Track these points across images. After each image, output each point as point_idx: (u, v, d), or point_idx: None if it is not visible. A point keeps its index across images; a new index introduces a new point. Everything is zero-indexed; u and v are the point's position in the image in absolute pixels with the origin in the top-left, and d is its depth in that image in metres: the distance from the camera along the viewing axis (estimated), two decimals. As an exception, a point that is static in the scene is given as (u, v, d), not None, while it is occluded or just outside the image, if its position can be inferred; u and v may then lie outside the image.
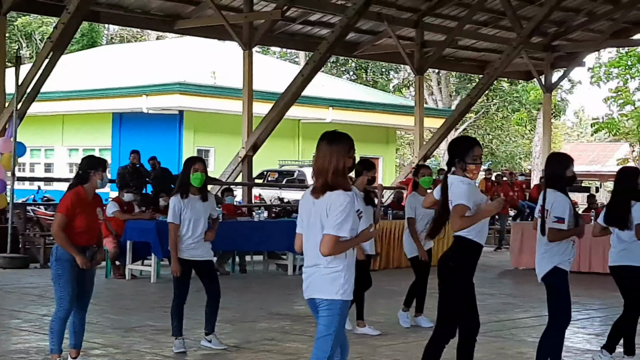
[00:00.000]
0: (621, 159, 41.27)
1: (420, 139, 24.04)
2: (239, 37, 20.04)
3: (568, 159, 7.24)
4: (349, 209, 5.25)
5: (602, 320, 11.28)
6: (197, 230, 8.38)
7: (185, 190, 8.35)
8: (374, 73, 47.95)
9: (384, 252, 16.86)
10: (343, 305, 5.37)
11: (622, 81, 38.09)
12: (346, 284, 5.35)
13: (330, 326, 5.37)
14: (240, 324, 10.11)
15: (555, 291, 7.12)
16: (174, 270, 8.35)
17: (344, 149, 5.33)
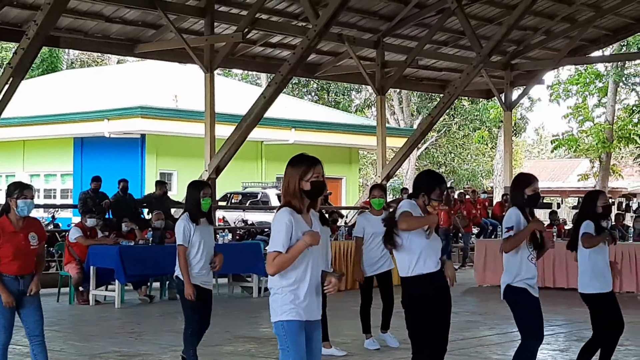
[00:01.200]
0: (582, 174, 41.68)
1: (382, 159, 24.12)
2: (200, 60, 20.02)
3: (529, 178, 7.32)
4: (278, 223, 5.33)
5: (566, 335, 11.37)
6: (204, 255, 8.26)
7: (195, 215, 8.28)
8: (336, 94, 48.10)
9: (349, 272, 16.86)
10: (286, 326, 5.37)
11: (581, 98, 38.52)
12: (283, 304, 5.37)
13: (283, 349, 5.42)
14: (205, 348, 10.03)
15: (514, 310, 7.16)
16: (189, 294, 8.14)
17: (297, 172, 5.41)
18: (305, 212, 5.48)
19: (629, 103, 40.02)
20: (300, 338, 5.42)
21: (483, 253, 17.93)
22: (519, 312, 7.11)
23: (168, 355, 9.81)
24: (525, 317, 7.08)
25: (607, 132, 36.75)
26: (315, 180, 5.41)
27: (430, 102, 41.87)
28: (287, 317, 5.39)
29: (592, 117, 38.26)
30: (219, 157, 19.85)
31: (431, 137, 43.73)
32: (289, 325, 5.39)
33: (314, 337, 5.53)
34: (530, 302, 7.08)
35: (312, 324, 5.51)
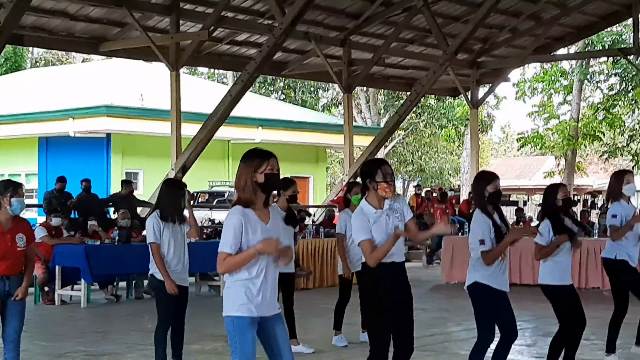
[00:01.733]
0: (547, 172, 41.96)
1: (350, 157, 24.13)
2: (166, 58, 19.92)
3: (490, 176, 7.33)
4: (228, 223, 5.32)
5: (533, 331, 11.44)
6: (178, 252, 8.23)
7: (169, 213, 8.22)
8: (303, 92, 48.08)
9: (317, 270, 16.87)
10: (235, 322, 5.34)
11: (546, 96, 38.78)
12: (235, 300, 5.34)
13: (231, 345, 5.40)
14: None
15: (475, 307, 7.21)
16: (170, 288, 8.11)
17: (251, 165, 5.38)
18: (260, 207, 5.43)
19: (594, 101, 40.38)
20: (249, 335, 5.35)
21: (450, 250, 17.98)
22: (480, 310, 7.17)
23: (135, 354, 9.75)
24: (485, 315, 7.14)
25: (573, 130, 37.02)
26: (269, 172, 5.38)
27: (397, 100, 41.97)
28: (238, 313, 5.35)
29: (557, 115, 38.53)
30: (186, 156, 19.76)
31: (398, 136, 43.83)
32: (239, 321, 5.35)
33: (277, 332, 5.47)
34: (490, 300, 7.12)
35: (270, 320, 5.45)
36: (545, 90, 38.51)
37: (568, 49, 31.45)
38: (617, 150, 38.09)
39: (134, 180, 25.50)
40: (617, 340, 9.01)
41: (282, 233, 5.52)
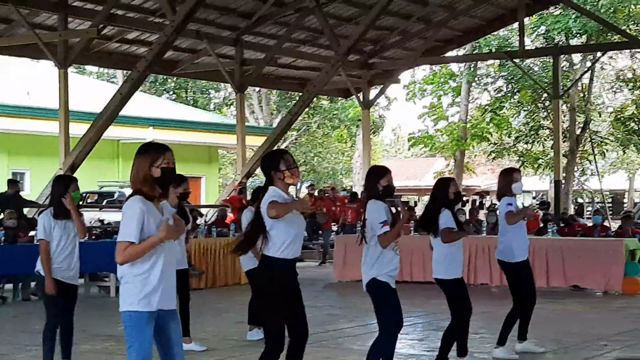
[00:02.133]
0: (437, 172, 42.66)
1: (242, 157, 24.06)
2: (54, 56, 19.52)
3: (383, 170, 7.42)
4: (129, 212, 5.23)
5: (424, 326, 11.61)
6: (67, 250, 8.05)
7: (60, 211, 8.04)
8: (194, 92, 47.75)
9: (210, 270, 16.79)
10: (130, 317, 5.27)
11: (435, 98, 39.42)
12: (132, 294, 5.26)
13: (128, 340, 5.31)
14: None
15: (376, 303, 7.26)
16: (49, 289, 7.94)
17: (147, 159, 5.32)
18: (156, 201, 5.38)
19: (482, 102, 41.22)
20: (147, 330, 5.28)
21: (343, 249, 18.10)
22: (381, 306, 7.23)
23: (23, 354, 9.56)
24: (386, 310, 7.20)
25: (461, 131, 37.74)
26: (165, 166, 5.33)
27: (289, 100, 42.05)
28: (135, 308, 5.26)
29: (446, 117, 39.21)
30: (74, 155, 19.40)
31: (291, 136, 43.93)
32: (137, 316, 5.27)
33: (171, 328, 5.41)
34: (389, 295, 7.20)
35: (167, 314, 5.38)
36: (434, 92, 39.15)
37: (457, 51, 32.06)
38: (505, 151, 38.97)
39: (20, 181, 24.88)
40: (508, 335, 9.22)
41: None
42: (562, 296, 15.10)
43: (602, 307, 13.93)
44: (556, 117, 25.84)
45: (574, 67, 35.94)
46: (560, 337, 10.53)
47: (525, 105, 37.65)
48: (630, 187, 58.59)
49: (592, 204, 49.09)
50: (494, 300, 14.25)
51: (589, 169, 39.82)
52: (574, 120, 35.32)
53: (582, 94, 36.29)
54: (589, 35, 32.56)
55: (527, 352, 9.31)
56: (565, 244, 16.31)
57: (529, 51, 27.36)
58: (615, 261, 15.60)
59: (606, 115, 40.22)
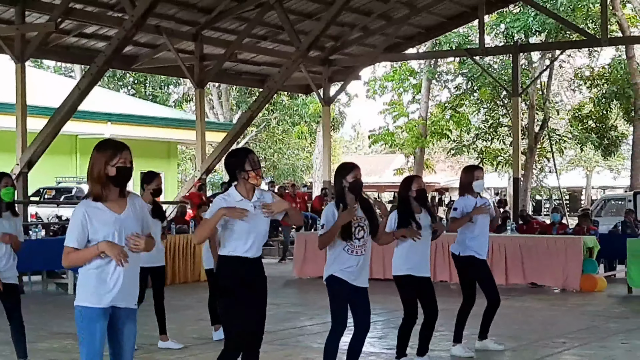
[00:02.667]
0: (397, 169, 42.78)
1: (202, 153, 23.93)
2: (11, 50, 19.24)
3: (349, 166, 7.41)
4: (73, 218, 5.24)
5: (384, 323, 11.61)
6: (8, 248, 7.92)
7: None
8: (153, 87, 47.45)
9: (169, 267, 16.66)
10: (84, 312, 5.22)
11: (396, 94, 39.51)
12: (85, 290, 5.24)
13: (79, 335, 5.28)
14: (18, 346, 9.65)
15: (330, 298, 7.32)
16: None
17: (103, 156, 5.26)
18: (114, 199, 5.30)
19: (442, 99, 41.41)
20: (98, 327, 5.21)
21: (303, 246, 18.09)
22: (333, 301, 7.29)
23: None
24: (336, 306, 7.27)
25: (421, 128, 37.86)
26: (121, 165, 5.25)
27: (249, 96, 41.92)
28: (86, 303, 5.22)
29: (406, 113, 39.33)
30: (31, 150, 19.17)
31: (251, 132, 43.79)
32: (87, 311, 5.21)
33: (125, 330, 5.33)
34: (340, 292, 7.22)
35: (122, 313, 5.31)
36: (395, 89, 39.25)
37: (417, 48, 32.13)
38: (464, 148, 39.18)
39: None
40: (464, 331, 9.24)
41: (139, 222, 5.35)
42: (520, 293, 15.20)
43: (561, 304, 14.02)
44: (515, 114, 25.99)
45: (533, 65, 36.24)
46: (519, 335, 10.59)
47: (484, 103, 37.89)
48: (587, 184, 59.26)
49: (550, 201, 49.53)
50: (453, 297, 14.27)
51: (547, 166, 40.17)
52: (533, 118, 35.59)
53: (541, 91, 36.59)
54: (548, 33, 32.83)
55: (486, 350, 9.34)
56: (523, 241, 16.41)
57: (488, 49, 27.49)
58: (573, 258, 15.72)
59: (564, 113, 40.58)
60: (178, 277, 16.90)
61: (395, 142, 39.45)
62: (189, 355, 9.32)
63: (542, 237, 16.83)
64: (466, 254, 9.15)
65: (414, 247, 8.26)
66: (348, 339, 7.83)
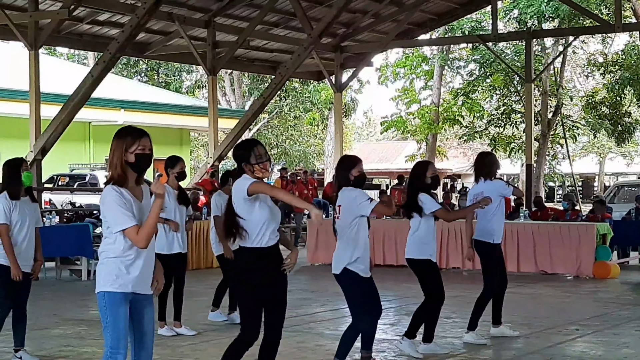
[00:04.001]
0: (409, 155, 42.73)
1: (214, 140, 23.94)
2: (24, 37, 19.28)
3: (354, 160, 7.47)
4: (110, 203, 5.24)
5: (396, 310, 11.63)
6: (22, 234, 7.92)
7: (16, 191, 7.90)
8: (166, 74, 47.47)
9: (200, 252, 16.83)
10: (107, 297, 5.27)
11: (408, 81, 39.42)
12: (107, 275, 5.28)
13: (103, 321, 5.32)
14: (32, 332, 9.68)
15: (345, 292, 7.37)
16: (15, 274, 7.80)
17: (122, 144, 5.30)
18: (133, 186, 5.35)
19: (454, 86, 41.32)
20: (122, 311, 5.28)
21: (315, 232, 18.11)
22: (349, 296, 7.34)
23: None
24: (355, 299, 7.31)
25: (433, 114, 37.79)
26: (140, 152, 5.30)
27: (261, 83, 41.91)
28: (110, 289, 5.27)
29: (419, 100, 39.25)
30: (45, 138, 19.22)
31: (263, 119, 43.79)
32: (111, 296, 5.27)
33: (145, 315, 5.41)
34: (358, 284, 7.29)
35: (142, 299, 5.38)
36: (407, 75, 39.15)
37: (430, 34, 32.05)
38: (476, 134, 39.09)
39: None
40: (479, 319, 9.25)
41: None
42: (533, 280, 15.19)
43: (573, 291, 14.01)
44: (528, 101, 25.92)
45: (546, 51, 36.08)
46: (531, 322, 10.59)
47: (497, 89, 37.76)
48: (600, 170, 59.06)
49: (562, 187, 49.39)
50: (465, 284, 14.31)
51: (560, 152, 40.04)
52: (546, 104, 35.47)
53: (554, 78, 36.42)
54: (561, 19, 32.66)
55: (501, 337, 9.35)
56: (536, 228, 16.38)
57: (501, 35, 27.36)
58: (587, 245, 15.70)
59: (578, 99, 40.43)
60: (191, 263, 16.94)
61: (407, 128, 39.38)
62: (202, 341, 9.36)
63: (555, 224, 16.81)
64: (496, 242, 9.13)
65: (432, 232, 8.31)
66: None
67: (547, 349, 8.97)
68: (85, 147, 31.56)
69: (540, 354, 8.69)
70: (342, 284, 7.34)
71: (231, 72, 41.45)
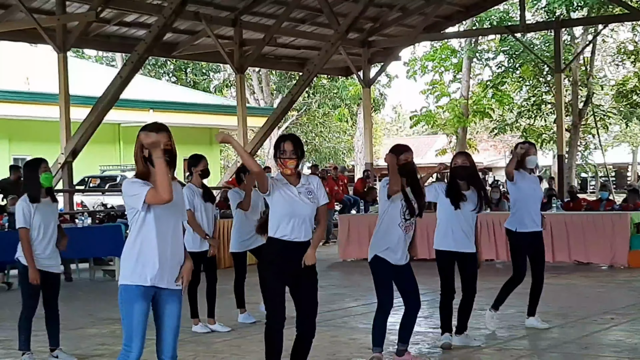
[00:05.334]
0: (439, 150, 42.57)
1: (244, 139, 23.97)
2: (53, 40, 19.42)
3: (401, 147, 7.56)
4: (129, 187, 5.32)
5: (429, 303, 11.56)
6: (47, 236, 7.92)
7: (36, 194, 7.91)
8: (194, 74, 47.62)
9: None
10: (125, 290, 5.31)
11: (437, 74, 39.26)
12: (125, 270, 5.32)
13: (121, 314, 5.36)
14: (68, 332, 9.73)
15: (374, 279, 7.45)
16: (33, 278, 7.80)
17: (139, 140, 5.39)
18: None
19: (483, 78, 41.10)
20: (139, 305, 5.28)
21: (346, 228, 18.09)
22: (377, 282, 7.45)
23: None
24: (381, 286, 7.43)
25: (463, 107, 37.62)
26: (165, 148, 5.32)
27: (289, 80, 41.93)
28: (128, 282, 5.29)
29: (448, 93, 39.08)
30: (75, 140, 19.35)
31: (292, 116, 43.82)
32: (126, 290, 5.29)
33: (166, 311, 5.41)
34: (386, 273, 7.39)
35: (165, 294, 5.38)
36: (435, 69, 39.00)
37: (457, 27, 31.90)
38: (507, 127, 38.88)
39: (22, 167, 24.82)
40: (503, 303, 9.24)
41: (179, 209, 5.48)
42: (567, 271, 15.08)
43: (608, 280, 13.89)
44: (558, 91, 25.72)
45: (576, 41, 35.80)
46: (566, 312, 10.51)
47: (527, 80, 37.54)
48: (633, 160, 58.56)
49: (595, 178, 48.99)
50: (499, 276, 14.20)
51: (592, 142, 39.74)
52: (577, 94, 35.21)
53: (584, 67, 36.15)
54: (589, 7, 32.42)
55: (533, 328, 9.29)
56: (569, 218, 16.25)
57: (530, 25, 27.19)
58: (621, 234, 15.56)
59: (608, 88, 40.11)
60: (224, 262, 16.96)
61: (437, 122, 39.23)
62: (236, 337, 9.38)
63: (589, 214, 16.66)
64: (521, 230, 9.10)
65: (456, 223, 8.26)
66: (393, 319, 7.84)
67: (583, 338, 8.90)
68: (115, 149, 31.75)
69: (575, 344, 8.63)
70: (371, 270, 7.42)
71: (259, 70, 41.52)
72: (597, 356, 8.08)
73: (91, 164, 27.45)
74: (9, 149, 28.23)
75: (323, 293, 12.53)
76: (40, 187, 7.94)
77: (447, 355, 8.17)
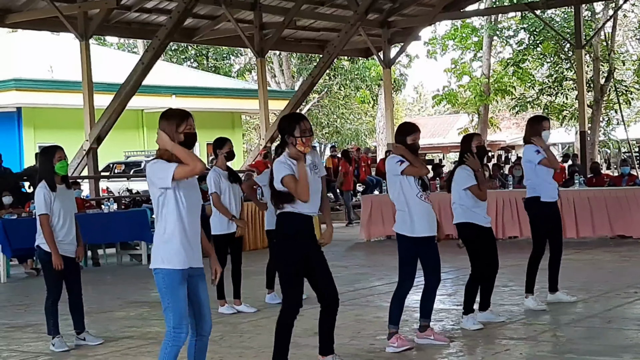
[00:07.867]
0: (461, 128, 42.46)
1: (265, 122, 24.09)
2: (74, 28, 19.58)
3: (410, 127, 7.66)
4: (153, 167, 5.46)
5: (453, 281, 11.67)
6: (67, 222, 8.08)
7: (52, 182, 8.03)
8: (215, 59, 47.71)
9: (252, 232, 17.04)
10: (165, 276, 5.43)
11: (458, 53, 39.13)
12: (165, 254, 5.44)
13: (163, 301, 5.48)
14: (97, 315, 9.94)
15: (399, 255, 7.58)
16: (57, 264, 7.95)
17: (171, 125, 5.51)
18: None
19: (504, 56, 40.93)
20: (183, 290, 5.46)
21: (369, 208, 18.16)
22: (400, 259, 7.55)
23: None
24: (402, 263, 7.54)
25: (484, 86, 37.52)
26: (188, 132, 5.52)
27: (310, 63, 41.92)
28: (169, 266, 5.44)
29: (469, 72, 38.95)
30: (99, 126, 19.54)
31: (313, 99, 43.85)
32: (170, 275, 5.44)
33: (199, 288, 5.59)
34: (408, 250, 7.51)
35: (196, 273, 5.56)
36: (456, 48, 38.87)
37: (477, 5, 31.78)
38: (528, 104, 38.74)
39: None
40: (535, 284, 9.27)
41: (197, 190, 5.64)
42: (590, 246, 15.11)
43: (631, 255, 13.91)
44: (579, 67, 25.64)
45: (596, 16, 35.58)
46: (589, 287, 10.57)
47: (548, 57, 37.34)
48: (657, 135, 58.11)
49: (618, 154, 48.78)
50: (523, 253, 14.26)
51: (614, 118, 39.55)
52: (598, 70, 35.01)
53: (605, 43, 35.92)
54: (610, -17, 32.19)
55: (558, 303, 9.35)
56: (592, 194, 16.27)
57: (550, 2, 27.02)
58: (644, 209, 15.57)
59: (630, 63, 39.81)
60: (248, 244, 17.11)
61: (459, 101, 39.14)
62: (262, 317, 9.50)
63: (611, 189, 16.66)
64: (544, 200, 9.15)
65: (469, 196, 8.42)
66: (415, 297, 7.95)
67: (606, 312, 8.97)
68: (139, 135, 31.94)
69: (599, 318, 8.70)
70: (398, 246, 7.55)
71: (279, 53, 41.56)
72: (621, 329, 8.15)
73: (115, 150, 27.65)
74: (34, 137, 28.47)
75: (347, 273, 12.68)
76: (55, 174, 8.06)
77: (471, 331, 8.25)
